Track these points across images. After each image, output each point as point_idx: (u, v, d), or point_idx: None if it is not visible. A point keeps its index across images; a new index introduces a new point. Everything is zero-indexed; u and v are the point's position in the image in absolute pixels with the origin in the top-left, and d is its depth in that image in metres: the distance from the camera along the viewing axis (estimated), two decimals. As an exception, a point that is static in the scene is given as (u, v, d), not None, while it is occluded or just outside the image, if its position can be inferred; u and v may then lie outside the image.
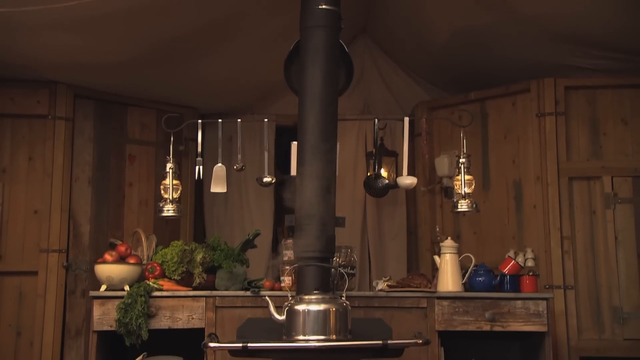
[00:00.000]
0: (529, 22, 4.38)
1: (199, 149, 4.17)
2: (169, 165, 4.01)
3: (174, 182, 4.00)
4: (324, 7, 3.45)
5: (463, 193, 4.00)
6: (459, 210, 4.03)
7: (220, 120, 4.21)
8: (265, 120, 4.31)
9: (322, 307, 3.08)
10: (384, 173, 5.12)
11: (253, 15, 4.35)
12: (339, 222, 3.56)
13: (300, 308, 3.08)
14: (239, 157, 4.23)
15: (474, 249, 4.67)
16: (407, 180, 4.35)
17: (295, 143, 3.55)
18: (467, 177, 4.02)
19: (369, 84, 5.70)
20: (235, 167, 4.26)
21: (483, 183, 5.04)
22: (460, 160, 4.03)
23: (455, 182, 4.06)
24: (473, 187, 4.04)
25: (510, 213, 4.90)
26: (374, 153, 4.64)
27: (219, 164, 4.21)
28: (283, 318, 3.13)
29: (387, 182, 4.91)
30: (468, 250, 4.25)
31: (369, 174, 4.99)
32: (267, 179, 4.28)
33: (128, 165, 5.08)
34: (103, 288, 3.80)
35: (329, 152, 3.33)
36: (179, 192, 4.05)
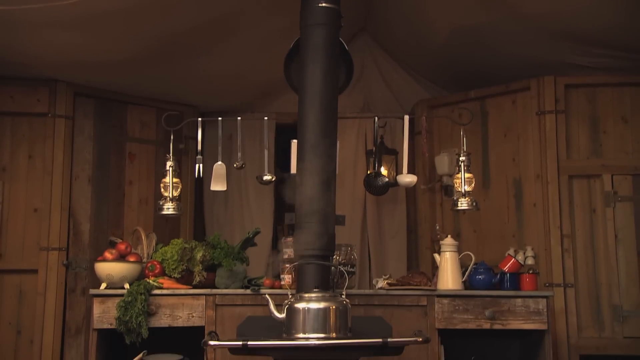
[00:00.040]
0: (529, 20, 4.38)
1: (199, 147, 4.17)
2: (169, 164, 4.01)
3: (174, 180, 4.01)
4: (324, 5, 3.45)
5: (463, 191, 4.00)
6: (459, 209, 4.03)
7: (220, 119, 4.22)
8: (265, 119, 4.31)
9: (322, 305, 3.08)
10: (384, 171, 5.11)
11: (253, 14, 4.35)
12: (339, 220, 3.56)
13: (300, 306, 3.08)
14: (239, 155, 4.23)
15: (474, 247, 4.67)
16: (407, 179, 4.35)
17: (295, 141, 3.54)
18: (467, 175, 4.02)
19: (369, 82, 5.69)
20: (235, 165, 4.26)
21: (483, 181, 5.03)
22: (460, 159, 4.03)
23: (455, 180, 4.06)
24: (473, 185, 4.05)
25: (510, 211, 4.90)
26: (374, 151, 4.64)
27: (219, 162, 4.21)
28: (283, 316, 3.13)
29: (387, 180, 4.91)
30: (468, 249, 4.25)
31: (369, 172, 4.99)
32: (267, 177, 4.28)
33: (128, 164, 5.08)
34: (103, 286, 3.80)
35: (329, 150, 3.33)
36: (179, 190, 4.05)
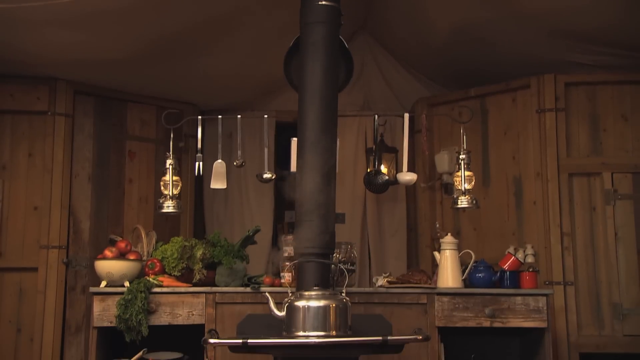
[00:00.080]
0: (529, 18, 4.38)
1: (199, 146, 4.17)
2: (169, 162, 4.01)
3: (174, 178, 4.01)
4: (324, 3, 3.45)
5: (463, 189, 4.00)
6: (459, 207, 4.03)
7: (220, 117, 4.22)
8: (265, 117, 4.31)
9: (322, 303, 3.08)
10: (384, 169, 5.11)
11: (253, 11, 4.34)
12: (339, 218, 3.56)
13: (300, 304, 3.09)
14: (239, 153, 4.23)
15: (474, 245, 4.67)
16: (407, 177, 4.35)
17: (295, 139, 3.54)
18: (467, 173, 4.02)
19: (369, 80, 5.69)
20: (235, 163, 4.26)
21: (483, 179, 5.03)
22: (460, 157, 4.03)
23: (455, 178, 4.06)
24: (473, 183, 4.04)
25: (510, 209, 4.90)
26: (374, 149, 4.64)
27: (219, 160, 4.21)
28: (283, 314, 3.13)
29: (387, 178, 4.91)
30: (468, 247, 4.25)
31: (369, 170, 4.98)
32: (267, 175, 4.28)
33: (128, 162, 5.08)
34: (103, 284, 3.80)
35: (329, 147, 3.32)
36: (179, 188, 4.05)
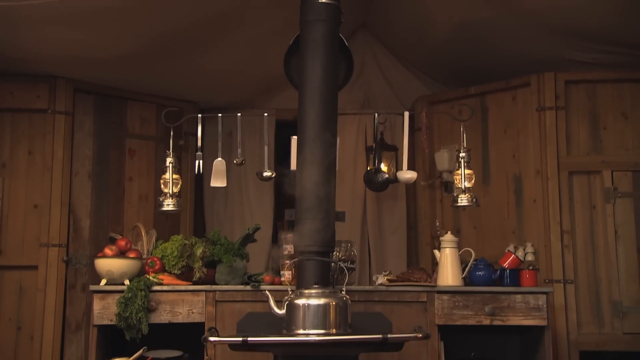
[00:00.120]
0: (529, 16, 4.38)
1: (199, 144, 4.17)
2: (169, 160, 4.01)
3: (174, 176, 4.01)
4: (324, 0, 3.44)
5: (463, 187, 4.00)
6: (459, 205, 4.03)
7: (220, 115, 4.22)
8: (265, 115, 4.31)
9: (322, 301, 3.08)
10: (384, 167, 5.11)
11: (253, 9, 4.34)
12: (339, 216, 3.57)
13: (300, 302, 3.09)
14: (239, 151, 4.23)
15: (474, 244, 4.67)
16: (407, 175, 4.35)
17: (295, 137, 3.54)
18: (467, 171, 4.02)
19: (369, 79, 5.68)
20: (235, 161, 4.26)
21: (483, 177, 5.03)
22: (460, 155, 4.03)
23: (455, 176, 4.06)
24: (473, 181, 4.05)
25: (510, 207, 4.90)
26: (374, 147, 4.64)
27: (219, 159, 4.21)
28: (283, 312, 3.13)
29: (387, 176, 4.91)
30: (468, 245, 4.25)
31: (369, 169, 4.99)
32: (267, 174, 4.28)
33: (128, 160, 5.07)
34: (103, 282, 3.80)
35: (329, 144, 3.32)
36: (179, 186, 4.05)
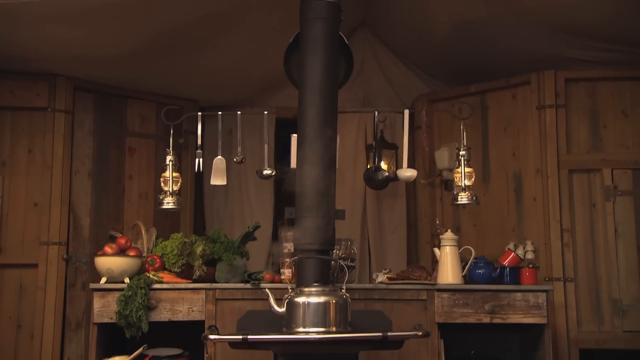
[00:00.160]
0: (529, 14, 4.37)
1: (199, 142, 4.17)
2: (169, 158, 4.01)
3: (174, 174, 4.01)
4: (324, -1, 3.45)
5: (463, 186, 4.00)
6: (459, 203, 4.03)
7: (220, 113, 4.21)
8: (265, 113, 4.31)
9: (322, 299, 3.08)
10: (384, 166, 5.11)
11: (253, 7, 4.34)
12: (339, 214, 3.57)
13: (300, 300, 3.09)
14: (239, 149, 4.23)
15: (474, 242, 4.67)
16: (407, 173, 4.35)
17: (295, 135, 3.54)
18: (467, 169, 4.01)
19: (369, 77, 5.68)
20: (235, 159, 4.26)
21: (483, 176, 5.03)
22: (460, 153, 4.03)
23: (455, 174, 4.06)
24: (473, 179, 4.04)
25: (510, 205, 4.90)
26: (374, 145, 4.63)
27: (219, 157, 4.21)
28: (283, 310, 3.13)
29: (387, 174, 4.91)
30: (468, 243, 4.25)
31: (369, 167, 4.98)
32: (267, 172, 4.28)
33: (128, 158, 5.08)
34: (103, 280, 3.80)
35: (329, 141, 3.32)
36: (179, 184, 4.05)
